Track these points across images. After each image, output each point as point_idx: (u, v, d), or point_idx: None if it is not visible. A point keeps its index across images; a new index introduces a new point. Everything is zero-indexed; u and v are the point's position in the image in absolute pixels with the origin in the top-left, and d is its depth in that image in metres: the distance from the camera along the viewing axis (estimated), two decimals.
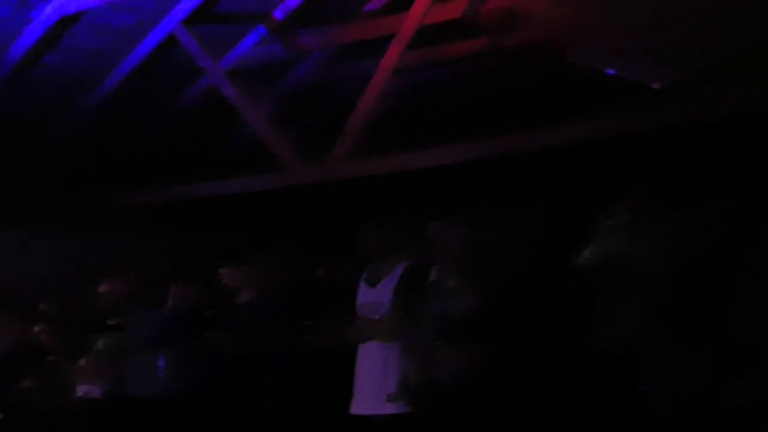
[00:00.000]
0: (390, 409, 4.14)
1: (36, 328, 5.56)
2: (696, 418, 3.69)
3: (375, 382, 4.20)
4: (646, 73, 5.54)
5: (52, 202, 6.27)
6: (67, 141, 6.35)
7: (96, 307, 5.57)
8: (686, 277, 3.76)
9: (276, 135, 5.92)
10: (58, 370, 5.54)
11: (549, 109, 5.18)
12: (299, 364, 4.75)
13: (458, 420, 3.90)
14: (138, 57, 5.97)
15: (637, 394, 3.88)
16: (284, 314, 4.84)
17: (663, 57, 5.22)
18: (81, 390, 5.36)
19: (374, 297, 4.29)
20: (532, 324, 3.94)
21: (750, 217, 3.80)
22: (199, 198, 6.10)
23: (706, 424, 3.65)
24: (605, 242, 3.93)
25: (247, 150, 6.65)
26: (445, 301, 4.00)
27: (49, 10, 5.30)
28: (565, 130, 4.58)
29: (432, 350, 4.03)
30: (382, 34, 5.77)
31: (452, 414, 3.92)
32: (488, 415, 3.92)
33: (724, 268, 3.73)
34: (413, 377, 4.07)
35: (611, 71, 5.45)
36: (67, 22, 5.46)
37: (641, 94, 5.41)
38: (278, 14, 6.23)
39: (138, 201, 6.24)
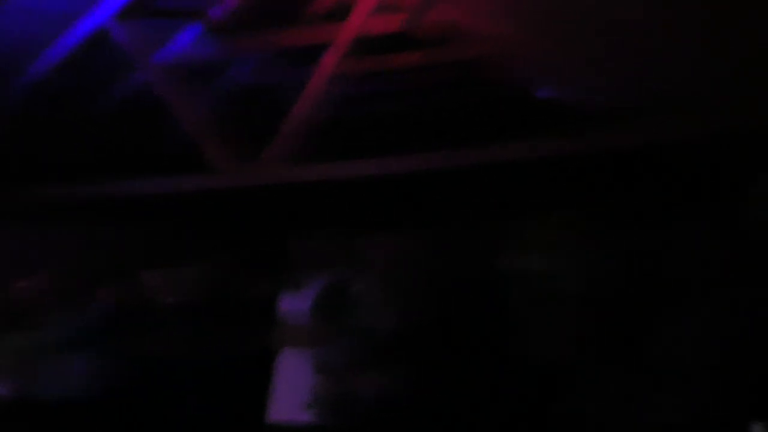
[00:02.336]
0: (307, 417, 4.14)
1: None
2: None
3: (293, 389, 4.20)
4: (581, 96, 5.62)
5: None
6: None
7: (11, 306, 5.39)
8: (605, 299, 3.83)
9: (209, 135, 5.82)
10: None
11: (483, 126, 5.22)
12: (219, 370, 4.69)
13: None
14: (66, 47, 5.78)
15: (555, 411, 3.92)
16: (206, 319, 4.77)
17: (598, 82, 5.30)
18: None
19: (296, 306, 4.29)
20: (455, 341, 3.96)
21: (671, 242, 3.89)
22: (125, 196, 5.95)
23: None
24: (529, 260, 3.97)
25: (179, 149, 6.52)
26: (368, 316, 3.99)
27: None
28: (496, 149, 4.61)
29: (351, 364, 4.02)
30: (322, 41, 5.75)
31: (368, 428, 3.92)
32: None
33: (643, 292, 3.81)
34: (328, 389, 4.06)
35: (545, 93, 5.51)
36: None
37: (574, 117, 5.48)
38: (216, 13, 6.14)
39: (61, 197, 6.04)
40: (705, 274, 3.67)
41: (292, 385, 4.22)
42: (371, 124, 6.11)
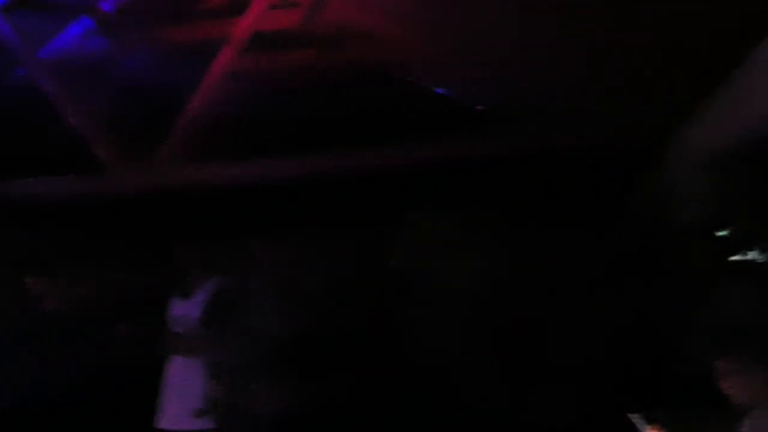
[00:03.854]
0: (196, 424, 4.04)
1: None
2: (500, 429, 3.81)
3: (182, 396, 4.09)
4: (477, 99, 5.67)
5: None
6: None
7: None
8: (498, 295, 3.88)
9: (99, 134, 5.63)
10: None
11: (379, 127, 5.20)
12: (105, 377, 4.52)
13: None
14: None
15: (445, 407, 3.96)
16: (92, 325, 4.60)
17: (493, 86, 5.35)
18: None
19: (185, 311, 4.17)
20: (348, 343, 3.94)
21: (558, 243, 3.97)
22: (9, 197, 5.68)
23: None
24: (421, 260, 3.99)
25: (68, 149, 6.26)
26: (259, 321, 3.92)
27: None
28: (390, 150, 4.61)
29: (242, 370, 3.94)
30: (216, 37, 5.61)
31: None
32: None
33: (535, 287, 3.88)
34: (220, 395, 3.97)
35: (442, 95, 5.53)
36: None
37: (469, 119, 5.53)
38: (107, 6, 5.90)
39: None
40: (590, 275, 3.76)
41: (182, 392, 4.10)
42: (266, 124, 6.00)
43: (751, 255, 4.51)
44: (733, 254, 4.15)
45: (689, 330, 3.34)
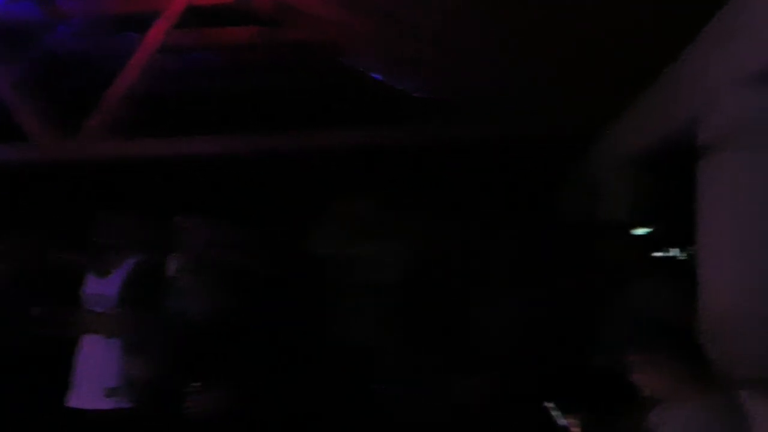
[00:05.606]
0: (109, 404, 3.95)
1: None
2: (425, 418, 3.84)
3: (95, 375, 3.98)
4: (411, 88, 5.68)
5: None
6: None
7: None
8: (420, 284, 3.90)
9: (23, 103, 5.44)
10: None
11: (311, 110, 5.17)
12: (19, 353, 4.37)
13: (180, 418, 3.77)
14: None
15: (371, 393, 3.97)
16: (6, 301, 4.43)
17: (426, 72, 5.37)
18: None
19: (101, 289, 4.04)
20: (270, 324, 3.90)
21: (484, 230, 4.01)
22: None
23: (434, 424, 3.81)
24: (344, 245, 3.97)
25: None
26: (180, 300, 3.84)
27: None
28: (320, 134, 4.58)
29: (160, 349, 3.85)
30: (149, 9, 5.46)
31: (175, 412, 3.79)
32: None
33: (457, 277, 3.91)
34: (136, 374, 3.88)
35: (377, 81, 5.52)
36: None
37: (404, 107, 5.54)
38: None
39: None
40: (512, 266, 3.81)
41: (96, 371, 4.00)
42: (196, 101, 5.89)
43: (671, 253, 4.65)
44: (653, 251, 4.26)
45: (606, 323, 3.42)
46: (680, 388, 2.65)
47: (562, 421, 3.05)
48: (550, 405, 3.12)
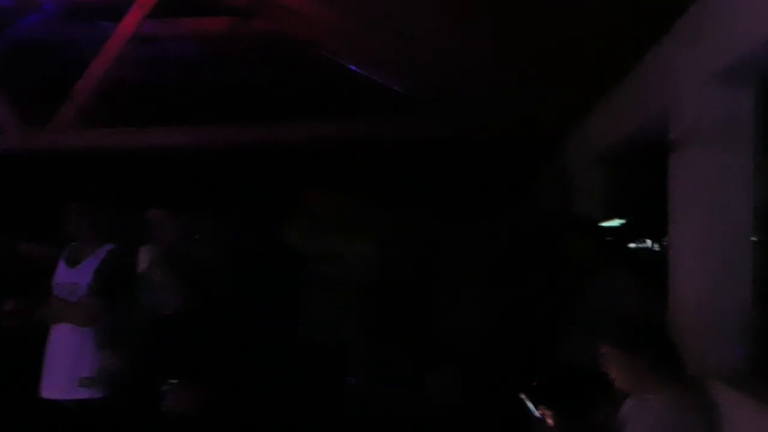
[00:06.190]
0: (82, 394, 3.90)
1: None
2: (393, 411, 3.87)
3: (67, 366, 3.92)
4: (390, 79, 5.67)
5: None
6: None
7: None
8: (391, 279, 3.92)
9: None
10: None
11: (290, 102, 5.15)
12: None
13: (153, 408, 3.76)
14: None
15: (343, 387, 3.98)
16: None
17: (401, 67, 5.37)
18: None
19: (73, 278, 3.98)
20: (243, 320, 3.89)
21: (455, 226, 4.03)
22: None
23: (402, 417, 3.84)
24: (317, 241, 3.97)
25: None
26: (151, 294, 3.81)
27: None
28: (293, 127, 4.56)
29: (131, 340, 3.83)
30: None
31: (147, 402, 3.77)
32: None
33: (428, 272, 3.94)
34: (109, 364, 3.84)
35: (352, 75, 5.50)
36: None
37: (377, 100, 5.53)
38: None
39: None
40: (483, 261, 3.84)
41: (68, 361, 3.95)
42: (170, 92, 5.83)
43: (641, 247, 4.71)
44: (623, 246, 4.31)
45: (577, 316, 3.46)
46: (651, 380, 2.69)
47: (536, 413, 3.08)
48: (525, 397, 3.15)
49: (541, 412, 3.07)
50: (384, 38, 4.75)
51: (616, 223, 4.28)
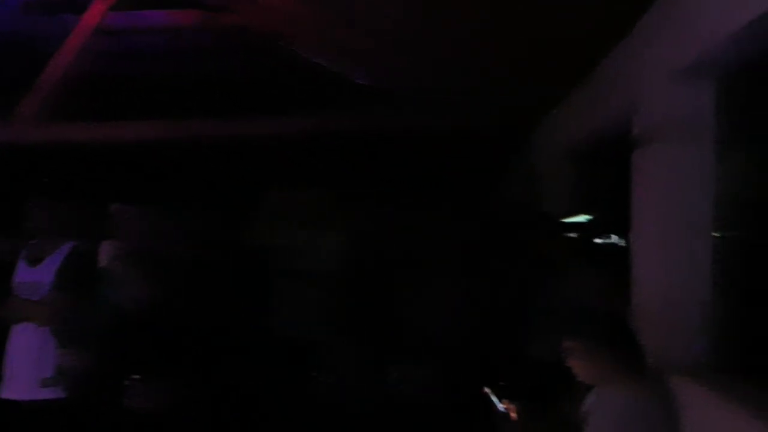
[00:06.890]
0: (44, 394, 3.83)
1: None
2: (360, 405, 3.86)
3: (29, 365, 3.85)
4: (358, 72, 5.65)
5: None
6: None
7: None
8: (357, 273, 3.91)
9: None
10: None
11: (258, 96, 5.10)
12: None
13: (115, 408, 3.72)
14: None
15: (308, 381, 3.97)
16: None
17: (372, 61, 5.35)
18: None
19: (34, 276, 3.90)
20: (203, 315, 3.86)
21: (422, 220, 4.03)
22: None
23: (368, 411, 3.84)
24: (282, 234, 3.96)
25: None
26: (114, 289, 3.76)
27: None
28: (261, 121, 4.53)
29: (94, 338, 3.77)
30: None
31: (111, 399, 3.73)
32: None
33: (394, 266, 3.94)
34: (71, 363, 3.78)
35: (322, 68, 5.46)
36: None
37: (347, 93, 5.51)
38: None
39: None
40: (452, 256, 3.84)
41: (29, 361, 3.88)
42: (135, 86, 5.76)
43: (608, 242, 4.75)
44: (590, 241, 4.34)
45: (541, 311, 3.47)
46: (613, 373, 2.71)
47: (500, 407, 3.09)
48: (489, 391, 3.16)
49: (504, 405, 3.08)
50: (352, 33, 4.73)
51: (582, 218, 4.31)
